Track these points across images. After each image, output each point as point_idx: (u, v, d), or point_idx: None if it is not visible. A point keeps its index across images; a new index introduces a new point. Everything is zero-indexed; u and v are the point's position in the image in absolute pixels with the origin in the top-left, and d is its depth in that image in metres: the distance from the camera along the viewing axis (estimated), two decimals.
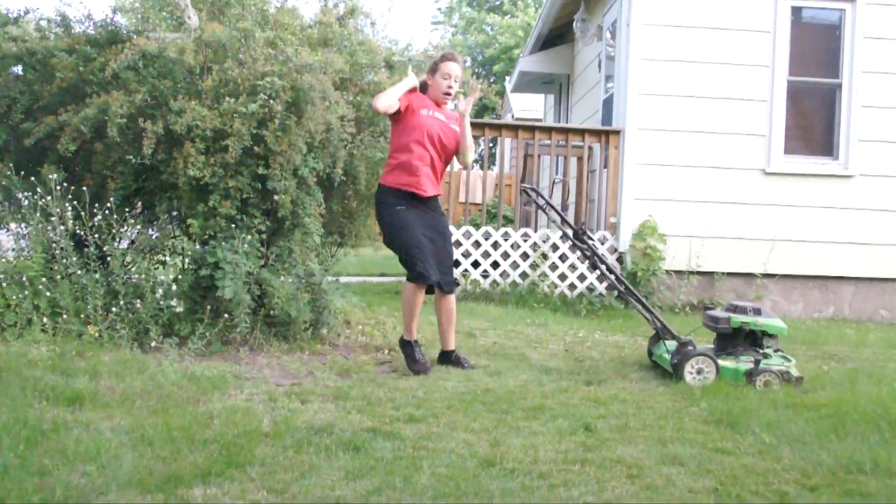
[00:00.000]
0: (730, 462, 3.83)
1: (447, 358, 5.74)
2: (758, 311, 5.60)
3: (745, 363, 5.41)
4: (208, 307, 5.81)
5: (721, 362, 5.40)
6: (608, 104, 10.49)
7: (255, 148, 5.81)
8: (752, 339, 5.59)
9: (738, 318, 5.53)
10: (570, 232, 6.03)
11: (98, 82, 6.05)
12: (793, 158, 9.24)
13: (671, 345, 5.56)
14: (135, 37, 6.16)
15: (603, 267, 5.96)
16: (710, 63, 9.15)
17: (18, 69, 6.65)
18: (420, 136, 5.54)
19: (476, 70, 38.07)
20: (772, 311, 5.89)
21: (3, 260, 6.02)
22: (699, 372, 5.37)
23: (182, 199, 6.03)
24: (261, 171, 5.83)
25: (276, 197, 5.86)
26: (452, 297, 5.73)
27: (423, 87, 5.72)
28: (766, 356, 5.49)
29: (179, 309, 5.79)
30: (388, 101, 5.45)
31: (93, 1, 14.44)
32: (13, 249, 6.20)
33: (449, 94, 5.60)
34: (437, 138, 5.58)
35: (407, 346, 5.63)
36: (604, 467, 3.71)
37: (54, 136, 6.01)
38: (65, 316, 5.68)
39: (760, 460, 3.88)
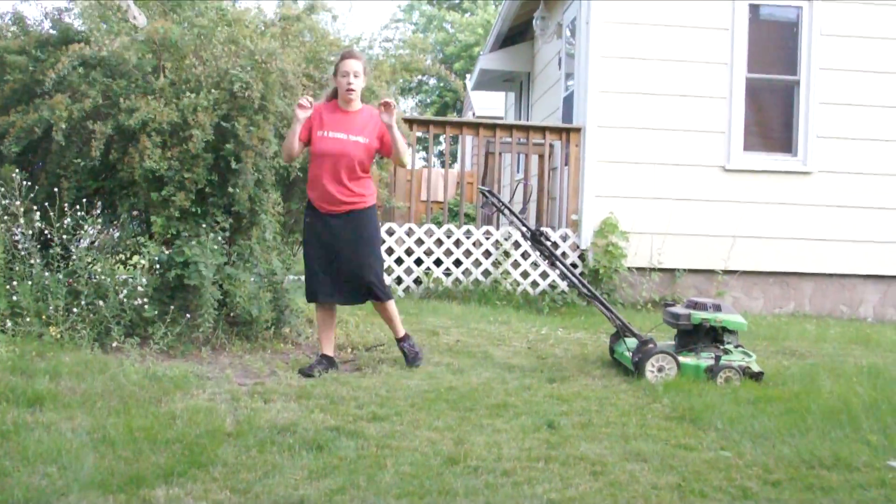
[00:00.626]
0: (692, 458, 3.87)
1: (398, 344, 5.79)
2: (718, 308, 5.66)
3: (705, 360, 5.46)
4: (172, 308, 5.75)
5: (682, 359, 5.45)
6: (568, 102, 10.53)
7: (227, 144, 5.76)
8: (712, 336, 5.64)
9: (698, 315, 5.58)
10: (527, 233, 6.03)
11: (48, 82, 5.96)
12: (752, 155, 9.35)
13: (632, 342, 5.60)
14: (87, 36, 6.07)
15: (562, 268, 5.98)
16: (670, 60, 9.23)
17: None
18: (320, 158, 5.49)
19: (438, 69, 38.08)
20: (732, 308, 5.95)
21: None
22: (660, 369, 5.41)
23: (139, 194, 5.97)
24: (233, 165, 5.79)
25: (231, 190, 5.83)
26: (384, 304, 5.67)
27: (335, 93, 5.62)
28: (726, 352, 5.55)
29: (149, 313, 5.70)
30: (287, 153, 5.55)
31: (50, 1, 14.22)
32: None
33: (350, 90, 5.46)
34: (336, 156, 5.46)
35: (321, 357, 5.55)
36: (567, 464, 3.74)
37: (4, 137, 5.91)
38: (26, 317, 5.60)
39: (723, 456, 3.92)
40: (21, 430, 3.81)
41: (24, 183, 5.86)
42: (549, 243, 6.07)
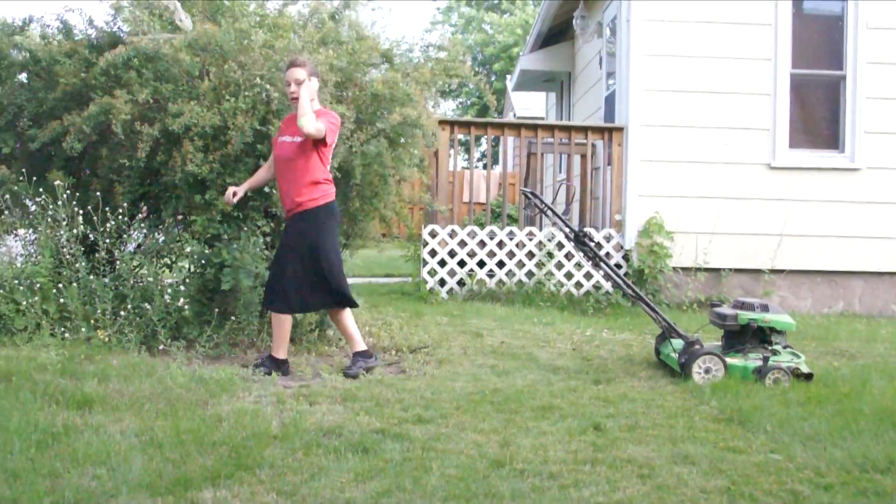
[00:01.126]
0: (742, 461, 3.81)
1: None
2: (765, 308, 5.57)
3: (753, 361, 5.38)
4: (216, 309, 5.81)
5: (729, 360, 5.37)
6: (610, 101, 10.46)
7: (259, 146, 5.81)
8: (760, 336, 5.56)
9: (745, 315, 5.50)
10: (571, 234, 5.98)
11: (100, 86, 6.05)
12: (798, 152, 9.20)
13: (678, 343, 5.53)
14: (146, 35, 6.16)
15: (606, 269, 5.92)
16: (712, 57, 9.11)
17: (24, 77, 6.67)
18: (277, 163, 5.49)
19: (476, 69, 38.05)
20: (780, 307, 5.86)
21: (13, 265, 6.03)
22: (707, 371, 5.34)
23: (181, 197, 6.04)
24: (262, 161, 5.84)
25: (266, 191, 5.87)
26: (337, 313, 5.58)
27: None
28: (775, 353, 5.47)
29: (187, 312, 5.78)
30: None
31: (93, 7, 14.46)
32: (22, 255, 6.22)
33: (294, 98, 5.37)
34: (283, 160, 5.44)
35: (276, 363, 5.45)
36: (614, 467, 3.70)
37: (59, 141, 6.01)
38: (74, 321, 5.69)
39: (773, 459, 3.85)
40: (71, 432, 3.85)
41: (70, 189, 5.96)
42: (592, 244, 6.02)
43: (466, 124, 9.64)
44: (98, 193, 6.06)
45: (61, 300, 5.72)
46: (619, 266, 8.97)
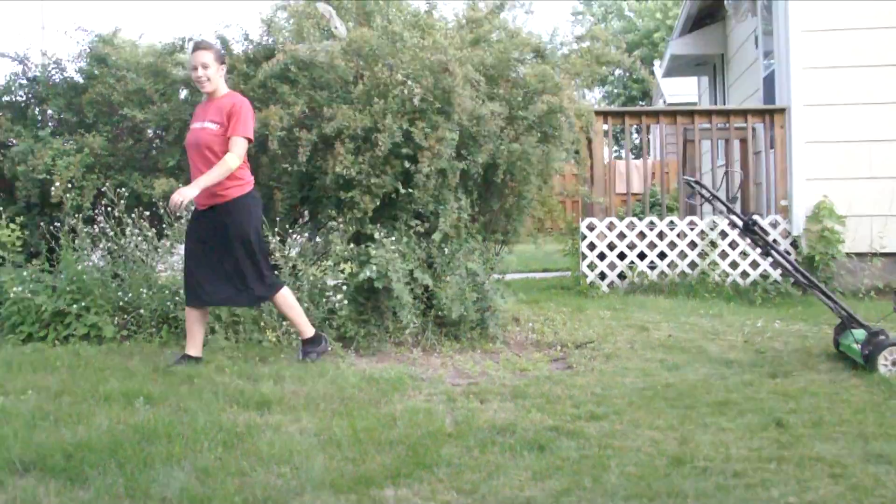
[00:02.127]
0: None
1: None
2: None
3: None
4: (370, 307, 5.90)
5: None
6: (769, 82, 10.05)
7: (404, 149, 5.86)
8: None
9: None
10: (740, 224, 5.76)
11: (258, 98, 6.24)
12: None
13: (860, 334, 5.23)
14: (308, 42, 6.33)
15: (779, 257, 5.67)
16: (878, 28, 8.57)
17: (186, 93, 6.98)
18: (189, 150, 5.34)
19: (629, 61, 37.41)
20: None
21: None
22: (894, 363, 5.03)
23: (332, 198, 6.17)
24: (407, 164, 5.89)
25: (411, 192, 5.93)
26: (276, 298, 5.44)
27: None
28: None
29: (344, 312, 5.89)
30: None
31: (249, 21, 14.99)
32: None
33: (198, 81, 5.26)
34: (195, 146, 5.28)
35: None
36: (802, 466, 3.53)
37: None
38: (244, 324, 5.90)
39: None
40: (253, 431, 3.98)
41: None
42: (763, 234, 5.78)
43: (620, 114, 9.46)
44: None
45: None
46: (787, 253, 8.59)
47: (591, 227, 8.77)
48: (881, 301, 7.82)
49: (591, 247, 8.76)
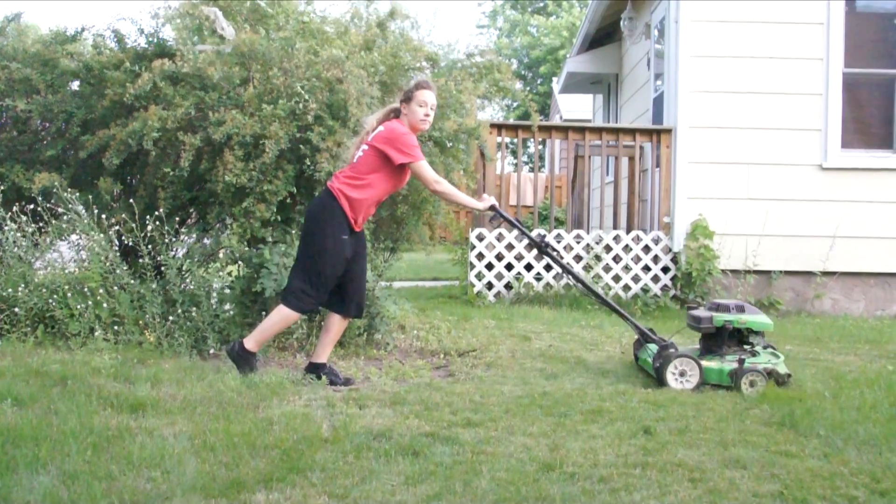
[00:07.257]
0: (795, 465, 3.76)
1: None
2: (741, 309, 5.47)
3: (730, 363, 5.28)
4: (259, 311, 5.87)
5: (704, 363, 5.28)
6: (658, 102, 10.38)
7: (301, 147, 5.85)
8: (738, 338, 5.48)
9: (720, 317, 5.40)
10: (535, 246, 5.87)
11: (145, 96, 6.14)
12: (851, 153, 9.04)
13: (653, 348, 5.47)
14: (181, 49, 6.25)
15: (573, 280, 5.81)
16: (762, 58, 9.00)
17: (76, 85, 6.82)
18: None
19: (522, 73, 37.99)
20: (757, 308, 5.72)
21: (65, 271, 6.15)
22: (682, 374, 5.25)
23: (223, 205, 6.11)
24: (305, 164, 5.88)
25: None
26: (282, 307, 5.29)
27: (397, 113, 5.31)
28: (753, 354, 5.37)
29: (231, 312, 5.84)
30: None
31: (144, 16, 14.68)
32: (74, 261, 6.33)
33: (426, 121, 5.26)
34: None
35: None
36: (665, 471, 3.67)
37: (106, 150, 6.12)
38: (125, 325, 5.79)
39: (826, 463, 3.80)
40: (125, 435, 3.91)
41: (120, 196, 6.07)
42: (555, 253, 5.92)
43: (514, 127, 9.63)
44: (139, 200, 6.17)
45: (111, 305, 5.82)
46: (667, 269, 8.90)
47: (480, 238, 8.90)
48: None
49: (480, 257, 8.90)
